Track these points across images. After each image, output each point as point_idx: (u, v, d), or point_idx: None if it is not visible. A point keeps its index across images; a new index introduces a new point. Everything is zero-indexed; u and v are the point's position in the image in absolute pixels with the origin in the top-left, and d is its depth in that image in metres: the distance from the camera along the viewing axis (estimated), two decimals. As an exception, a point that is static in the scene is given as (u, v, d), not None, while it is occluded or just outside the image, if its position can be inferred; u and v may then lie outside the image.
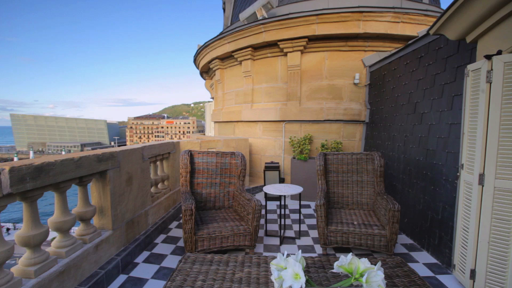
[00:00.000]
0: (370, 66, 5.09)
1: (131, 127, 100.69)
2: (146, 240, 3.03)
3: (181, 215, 4.05)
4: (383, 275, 1.12)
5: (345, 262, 1.35)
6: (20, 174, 1.60)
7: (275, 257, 1.82)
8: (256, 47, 5.80)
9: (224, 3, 9.02)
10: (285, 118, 5.64)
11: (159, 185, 3.84)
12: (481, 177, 2.04)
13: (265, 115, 5.90)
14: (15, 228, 25.69)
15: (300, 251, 1.50)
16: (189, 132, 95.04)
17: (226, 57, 6.68)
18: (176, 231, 3.51)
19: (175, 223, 3.78)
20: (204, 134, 16.37)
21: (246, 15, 5.81)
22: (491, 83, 1.97)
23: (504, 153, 1.91)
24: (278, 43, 5.38)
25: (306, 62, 5.47)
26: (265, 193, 3.38)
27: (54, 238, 2.32)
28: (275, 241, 3.27)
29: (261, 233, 3.42)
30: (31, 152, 69.87)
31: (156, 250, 2.97)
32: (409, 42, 3.66)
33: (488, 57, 1.99)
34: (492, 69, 1.97)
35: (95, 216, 2.52)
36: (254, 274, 1.63)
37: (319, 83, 5.45)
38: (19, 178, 1.60)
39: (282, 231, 3.37)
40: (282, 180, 5.52)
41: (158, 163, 3.75)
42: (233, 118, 6.63)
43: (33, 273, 1.76)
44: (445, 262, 2.61)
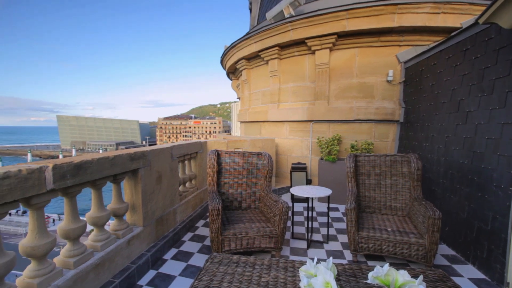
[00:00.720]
0: (406, 62, 4.76)
1: (161, 127, 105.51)
2: (174, 238, 3.10)
3: (207, 214, 4.11)
4: (427, 292, 1.01)
5: (381, 273, 1.24)
6: (61, 171, 1.71)
7: (302, 262, 1.76)
8: (283, 46, 5.72)
9: (250, 3, 9.05)
10: (312, 118, 5.48)
11: (187, 184, 3.93)
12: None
13: (292, 115, 5.79)
14: (59, 219, 28.18)
15: (331, 258, 1.42)
16: (215, 132, 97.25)
17: (253, 57, 6.67)
18: (202, 230, 3.56)
19: (201, 222, 3.84)
20: (230, 134, 16.60)
21: (273, 14, 5.76)
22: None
23: None
24: (306, 41, 5.25)
25: (335, 60, 5.27)
26: (292, 195, 3.30)
27: (92, 231, 2.45)
28: (302, 244, 3.17)
29: (287, 235, 3.34)
30: (73, 150, 76.19)
31: (183, 248, 3.03)
32: (452, 34, 3.34)
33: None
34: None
35: (128, 213, 2.63)
36: (281, 278, 1.57)
37: (349, 81, 5.22)
38: (61, 175, 1.70)
39: (309, 234, 3.26)
40: (309, 182, 5.38)
41: (186, 162, 3.84)
42: (260, 118, 6.60)
43: (72, 264, 1.86)
44: (496, 279, 2.33)
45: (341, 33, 4.89)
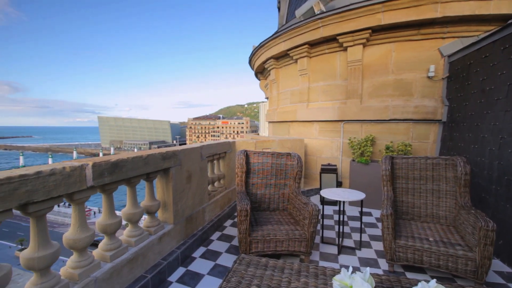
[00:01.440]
0: (450, 56, 4.34)
1: (190, 127, 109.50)
2: (202, 236, 3.15)
3: (235, 214, 4.12)
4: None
5: (430, 291, 1.11)
6: (100, 169, 1.79)
7: (334, 269, 1.65)
8: (313, 44, 5.55)
9: (279, 2, 8.96)
10: (343, 117, 5.25)
11: (216, 184, 3.97)
12: None
13: (322, 115, 5.60)
14: (99, 212, 30.58)
15: (368, 268, 1.31)
16: (243, 132, 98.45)
17: (281, 56, 6.58)
18: (230, 230, 3.57)
19: (229, 222, 3.86)
20: (258, 134, 16.63)
21: (302, 11, 5.62)
22: None
23: None
24: (337, 37, 5.03)
25: (369, 56, 4.99)
26: (322, 197, 3.17)
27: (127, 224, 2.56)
28: (333, 249, 3.03)
29: (317, 239, 3.22)
30: (112, 149, 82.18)
31: (211, 247, 3.05)
32: (510, 21, 2.96)
33: None
34: None
35: (159, 210, 2.72)
36: (311, 285, 1.49)
37: (384, 79, 4.91)
38: (99, 173, 1.79)
39: (340, 239, 3.10)
40: (339, 184, 5.16)
41: (215, 162, 3.88)
42: (288, 118, 6.49)
43: (109, 258, 1.96)
44: None
45: (375, 27, 4.61)
